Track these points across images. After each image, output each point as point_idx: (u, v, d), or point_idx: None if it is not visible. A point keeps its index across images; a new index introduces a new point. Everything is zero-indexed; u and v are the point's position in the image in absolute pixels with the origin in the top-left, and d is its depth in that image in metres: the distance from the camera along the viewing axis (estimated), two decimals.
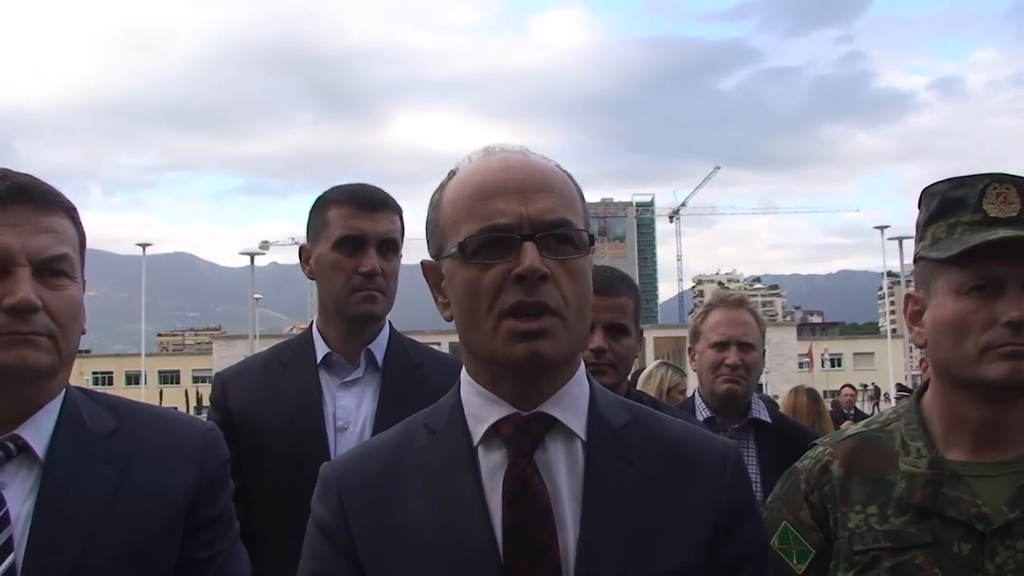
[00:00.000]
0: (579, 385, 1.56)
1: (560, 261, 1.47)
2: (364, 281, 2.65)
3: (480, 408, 1.54)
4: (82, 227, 1.78)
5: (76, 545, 1.62)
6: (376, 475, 1.56)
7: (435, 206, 1.57)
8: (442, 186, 1.57)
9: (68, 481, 1.66)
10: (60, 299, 1.68)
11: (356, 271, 2.65)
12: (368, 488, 1.55)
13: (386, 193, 2.76)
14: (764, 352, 3.56)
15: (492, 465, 1.50)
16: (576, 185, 1.57)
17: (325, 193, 2.80)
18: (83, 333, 1.76)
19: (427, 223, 1.59)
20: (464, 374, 1.58)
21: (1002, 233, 1.68)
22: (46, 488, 1.65)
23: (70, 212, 1.75)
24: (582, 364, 1.60)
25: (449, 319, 1.55)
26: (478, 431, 1.53)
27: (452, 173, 1.57)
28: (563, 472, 1.50)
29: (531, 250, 1.44)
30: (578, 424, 1.53)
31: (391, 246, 2.71)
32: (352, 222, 2.67)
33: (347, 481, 1.57)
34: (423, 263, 1.60)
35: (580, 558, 1.44)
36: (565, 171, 1.58)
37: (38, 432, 1.69)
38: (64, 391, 1.76)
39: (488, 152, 1.56)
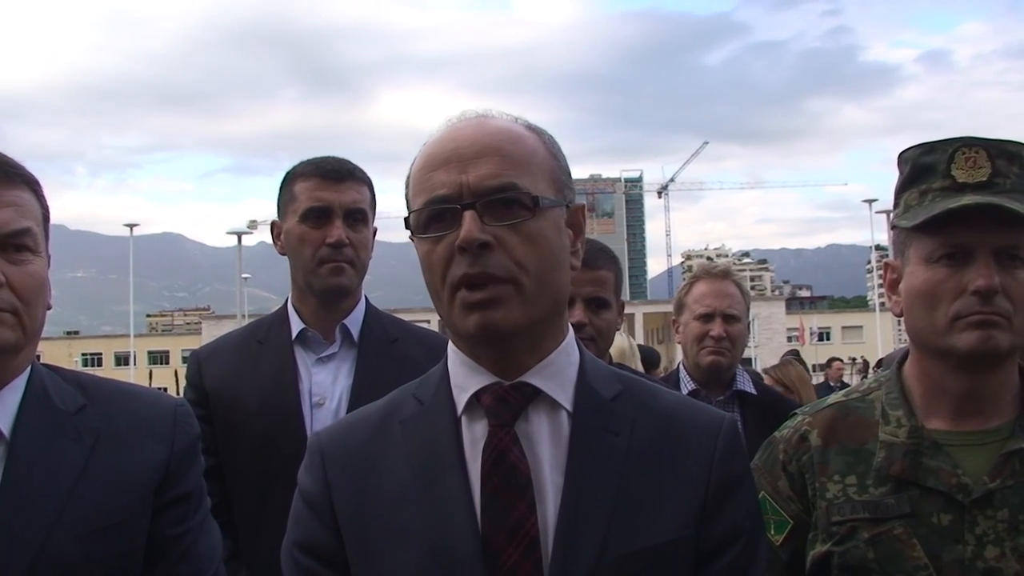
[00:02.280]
0: (566, 355, 1.53)
1: (511, 226, 1.42)
2: (331, 252, 2.63)
3: (464, 378, 1.51)
4: (45, 200, 1.75)
5: (43, 523, 1.59)
6: (361, 445, 1.54)
7: (405, 182, 1.54)
8: (413, 161, 1.54)
9: (34, 459, 1.64)
10: (24, 274, 1.65)
11: (323, 243, 2.62)
12: (352, 458, 1.53)
13: (353, 164, 2.73)
14: (749, 324, 3.54)
15: (475, 435, 1.48)
16: (546, 143, 1.53)
17: (292, 167, 2.77)
18: (48, 308, 1.73)
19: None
20: (450, 343, 1.56)
21: (967, 200, 1.65)
22: (12, 466, 1.62)
23: (32, 185, 1.71)
24: (571, 333, 1.56)
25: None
26: (461, 401, 1.50)
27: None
28: (546, 443, 1.47)
29: (468, 219, 1.41)
30: (563, 394, 1.50)
31: (359, 216, 2.68)
32: (317, 193, 2.65)
33: (332, 450, 1.55)
34: (411, 238, 1.57)
35: (559, 530, 1.41)
36: (534, 129, 1.53)
37: (3, 410, 1.66)
38: (30, 368, 1.73)
39: (449, 121, 1.53)
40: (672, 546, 1.43)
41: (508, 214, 1.43)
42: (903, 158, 1.81)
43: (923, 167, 1.75)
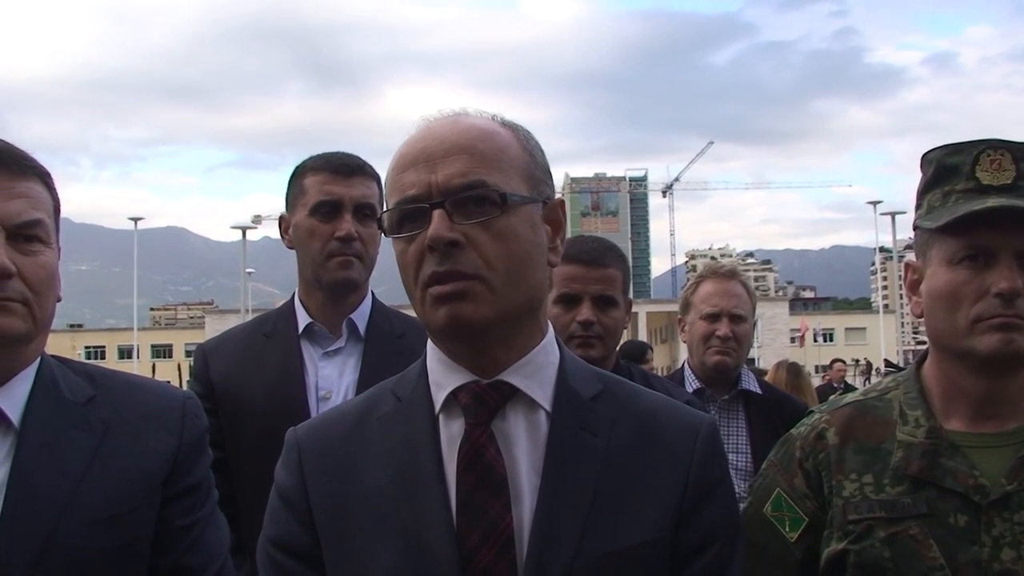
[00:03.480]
0: (545, 354, 1.53)
1: (481, 223, 1.42)
2: (341, 246, 2.63)
3: (442, 375, 1.51)
4: (56, 193, 1.75)
5: (51, 513, 1.59)
6: (339, 441, 1.54)
7: (384, 183, 1.54)
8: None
9: (43, 449, 1.64)
10: (35, 265, 1.65)
11: (332, 236, 2.63)
12: (329, 453, 1.53)
13: (362, 159, 2.74)
14: (755, 324, 3.54)
15: (452, 434, 1.48)
16: (520, 139, 1.52)
17: (302, 162, 2.78)
18: (58, 300, 1.73)
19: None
20: (429, 341, 1.56)
21: (991, 202, 1.65)
22: (21, 456, 1.62)
23: (44, 177, 1.72)
24: (550, 332, 1.56)
25: None
26: (439, 398, 1.50)
27: None
28: (523, 442, 1.46)
29: (436, 218, 1.41)
30: (542, 394, 1.49)
31: (368, 211, 2.69)
32: (327, 187, 2.65)
33: (308, 446, 1.55)
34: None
35: (535, 531, 1.41)
36: (509, 126, 1.53)
37: (13, 399, 1.66)
38: (39, 359, 1.73)
39: (424, 120, 1.53)
40: (649, 547, 1.43)
41: (477, 212, 1.42)
42: (927, 159, 1.80)
43: (947, 168, 1.74)
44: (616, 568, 1.41)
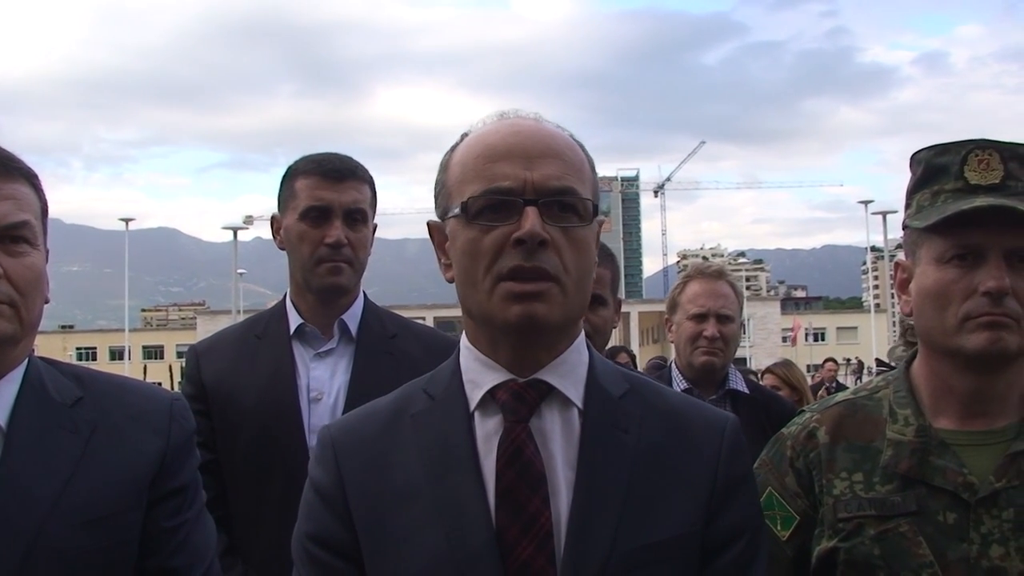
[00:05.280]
0: (578, 354, 1.56)
1: (562, 229, 1.46)
2: (330, 252, 2.63)
3: (478, 374, 1.54)
4: (43, 194, 1.74)
5: (38, 514, 1.59)
6: (374, 438, 1.56)
7: (444, 167, 1.56)
8: (453, 148, 1.57)
9: (30, 450, 1.64)
10: (21, 266, 1.65)
11: (322, 242, 2.63)
12: (365, 451, 1.55)
13: (355, 162, 2.72)
14: (742, 324, 3.55)
15: (488, 430, 1.50)
16: (587, 155, 1.58)
17: (294, 163, 2.76)
18: (46, 302, 1.73)
19: (436, 183, 1.59)
20: (464, 340, 1.59)
21: (979, 201, 1.66)
22: (8, 457, 1.62)
23: (31, 179, 1.71)
24: (582, 333, 1.59)
25: (451, 281, 1.55)
26: (475, 396, 1.53)
27: (464, 136, 1.57)
28: (558, 439, 1.50)
29: (532, 215, 1.43)
30: (575, 392, 1.53)
31: (358, 216, 2.68)
32: (317, 192, 2.64)
33: (344, 444, 1.57)
34: (429, 223, 1.60)
35: (572, 525, 1.44)
36: (578, 141, 1.58)
37: (0, 401, 1.65)
38: (27, 360, 1.73)
39: (502, 117, 1.57)
40: (680, 541, 1.46)
41: (561, 217, 1.47)
42: (916, 159, 1.82)
43: (936, 168, 1.76)
44: (650, 562, 1.44)
